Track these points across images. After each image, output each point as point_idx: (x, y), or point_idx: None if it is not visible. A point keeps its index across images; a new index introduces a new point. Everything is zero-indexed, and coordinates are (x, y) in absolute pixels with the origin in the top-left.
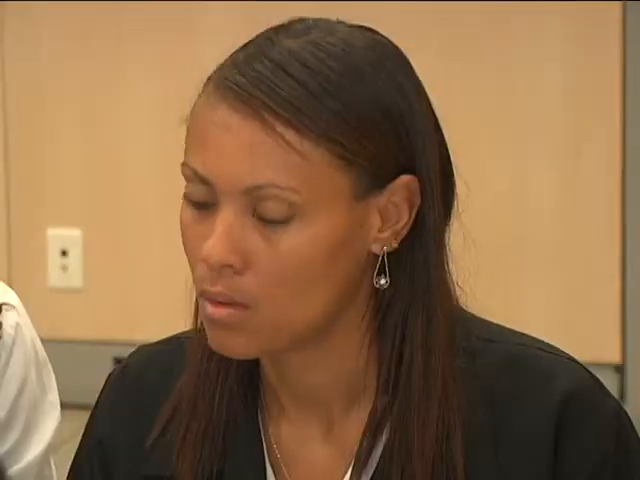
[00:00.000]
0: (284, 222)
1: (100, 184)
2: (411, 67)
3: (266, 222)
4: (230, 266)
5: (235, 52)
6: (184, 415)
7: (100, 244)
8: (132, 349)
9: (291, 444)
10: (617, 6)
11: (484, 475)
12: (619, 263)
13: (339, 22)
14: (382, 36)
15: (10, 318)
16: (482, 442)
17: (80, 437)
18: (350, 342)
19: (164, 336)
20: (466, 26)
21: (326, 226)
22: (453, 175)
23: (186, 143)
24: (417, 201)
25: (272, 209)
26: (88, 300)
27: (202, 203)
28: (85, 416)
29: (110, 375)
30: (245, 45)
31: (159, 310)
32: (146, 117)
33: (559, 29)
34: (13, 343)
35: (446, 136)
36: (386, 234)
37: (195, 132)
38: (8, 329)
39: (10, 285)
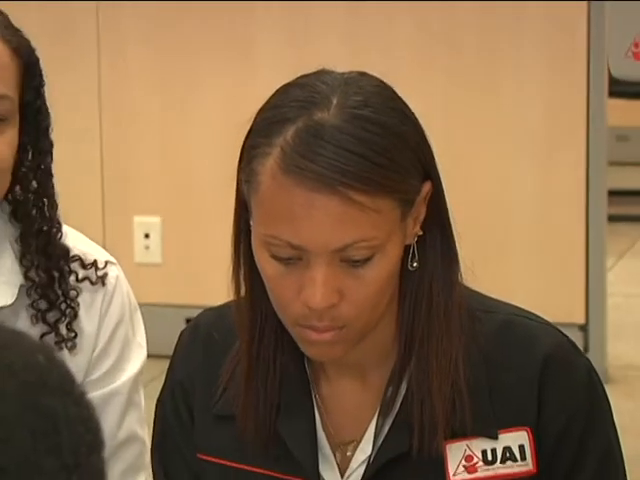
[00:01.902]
0: (367, 260)
1: (175, 181)
2: (396, 92)
3: (352, 263)
4: (332, 305)
5: (281, 123)
6: (246, 369)
7: (175, 228)
8: (199, 311)
9: (329, 395)
10: (583, 38)
11: (483, 419)
12: (584, 244)
13: (347, 79)
14: (372, 76)
15: (112, 271)
16: (480, 393)
17: (157, 380)
18: (384, 318)
19: (224, 301)
20: (462, 51)
21: (394, 251)
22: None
23: (263, 215)
24: (429, 194)
25: (357, 255)
26: (165, 273)
27: (289, 258)
28: (162, 363)
29: (182, 332)
30: (286, 115)
31: (221, 281)
32: (214, 124)
33: (537, 56)
34: (114, 290)
35: (446, 141)
36: (416, 228)
37: (275, 210)
38: (111, 279)
39: None
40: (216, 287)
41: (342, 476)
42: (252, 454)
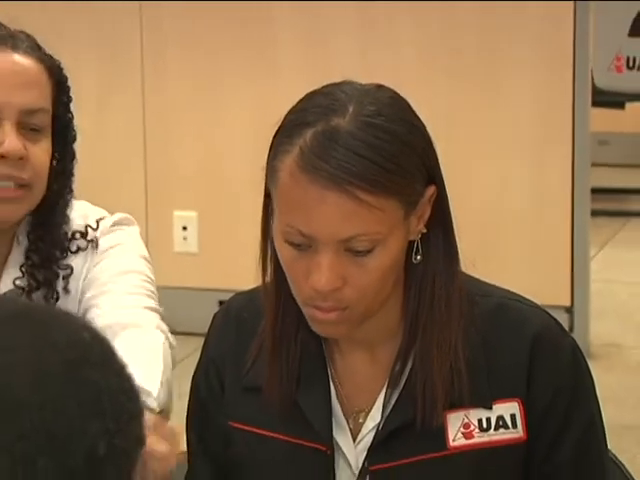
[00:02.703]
0: (369, 252)
1: (210, 179)
2: (409, 104)
3: (355, 252)
4: (335, 289)
5: (301, 127)
6: (270, 346)
7: (209, 222)
8: (231, 295)
9: (343, 369)
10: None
11: (479, 392)
12: (569, 235)
13: (365, 90)
14: (388, 88)
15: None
16: (477, 369)
17: (193, 356)
18: (390, 303)
19: (253, 286)
20: (462, 55)
21: (395, 245)
22: None
23: (281, 205)
24: (434, 197)
25: (360, 246)
26: (201, 261)
27: (300, 244)
28: (198, 341)
29: (216, 314)
30: (306, 120)
31: (250, 267)
32: (243, 127)
33: (528, 71)
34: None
35: (447, 142)
36: (420, 226)
37: (291, 202)
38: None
39: (148, 250)
40: (246, 273)
41: (354, 441)
42: (274, 422)
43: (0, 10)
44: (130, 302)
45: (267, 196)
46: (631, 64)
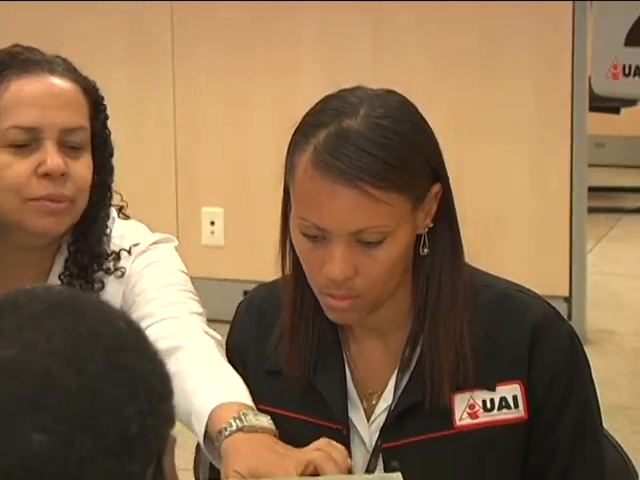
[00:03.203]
0: (379, 243)
1: (235, 179)
2: (417, 108)
3: (366, 244)
4: (347, 278)
5: (316, 128)
6: (289, 333)
7: (235, 217)
8: (254, 285)
9: (357, 354)
10: (567, 63)
11: (483, 375)
12: (568, 231)
13: (375, 94)
14: (397, 93)
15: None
16: (481, 355)
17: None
18: (399, 292)
19: (274, 278)
20: (467, 64)
21: (403, 237)
22: None
23: (297, 200)
24: (440, 194)
25: (371, 238)
26: (227, 253)
27: (315, 236)
28: (224, 328)
29: (240, 304)
30: (321, 121)
31: (272, 261)
32: (265, 131)
33: (531, 79)
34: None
35: (454, 142)
36: (427, 221)
37: (305, 196)
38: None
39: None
40: (268, 265)
41: (368, 421)
42: (294, 403)
43: (29, 14)
44: (177, 311)
45: (286, 192)
46: (627, 71)
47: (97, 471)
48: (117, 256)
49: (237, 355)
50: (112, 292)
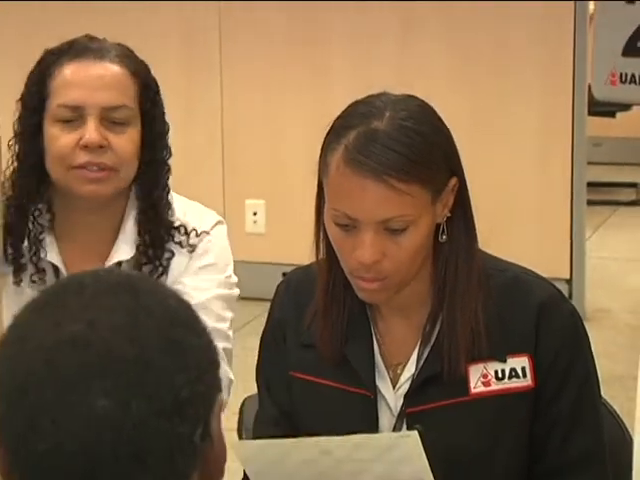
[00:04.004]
0: (403, 230)
1: (274, 175)
2: (435, 111)
3: (392, 231)
4: (376, 262)
5: (346, 129)
6: (323, 310)
7: (274, 209)
8: (292, 268)
9: (384, 329)
10: (569, 73)
11: (495, 348)
12: (569, 220)
13: (398, 99)
14: (417, 98)
15: (210, 235)
16: (494, 331)
17: (261, 316)
18: (420, 275)
19: (309, 262)
20: (480, 63)
21: (425, 225)
22: None
23: (330, 193)
24: (456, 187)
25: (396, 225)
26: (267, 240)
27: (346, 225)
28: (264, 305)
29: (279, 285)
30: (351, 123)
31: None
32: (302, 131)
33: (537, 88)
34: (206, 248)
35: (469, 141)
36: (445, 211)
37: (338, 190)
38: (206, 241)
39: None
40: (304, 251)
41: (393, 388)
42: (327, 372)
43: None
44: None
45: (320, 187)
46: (624, 79)
47: (151, 431)
48: (185, 230)
49: (278, 329)
50: (179, 262)
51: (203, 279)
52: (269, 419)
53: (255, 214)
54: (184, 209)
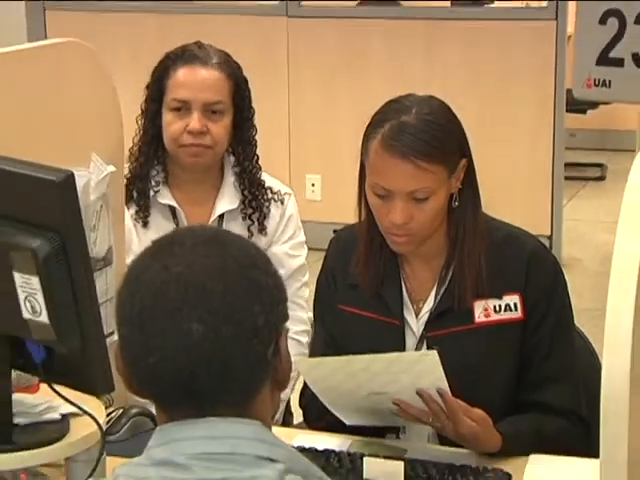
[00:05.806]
0: (426, 199)
1: (329, 154)
2: (450, 108)
3: (417, 200)
4: (405, 223)
5: (383, 122)
6: (363, 258)
7: (328, 182)
8: (341, 226)
9: (410, 272)
10: (551, 76)
11: (494, 288)
12: (550, 191)
13: (422, 99)
14: (437, 98)
15: (288, 198)
16: (493, 275)
17: (318, 262)
18: (438, 232)
19: (354, 222)
20: (487, 73)
21: (443, 195)
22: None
23: (370, 171)
24: (466, 166)
25: (420, 195)
26: (322, 205)
27: (383, 195)
28: (320, 253)
29: (332, 239)
30: (386, 117)
31: (352, 209)
32: (350, 120)
33: (527, 90)
34: (287, 207)
35: (476, 130)
36: (457, 184)
37: (376, 168)
38: (287, 202)
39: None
40: (349, 213)
41: (416, 317)
42: (366, 305)
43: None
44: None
45: (362, 166)
46: (597, 83)
47: (236, 349)
48: (271, 190)
49: (330, 273)
50: (274, 215)
51: (291, 246)
52: (321, 342)
53: (313, 185)
54: (265, 179)
